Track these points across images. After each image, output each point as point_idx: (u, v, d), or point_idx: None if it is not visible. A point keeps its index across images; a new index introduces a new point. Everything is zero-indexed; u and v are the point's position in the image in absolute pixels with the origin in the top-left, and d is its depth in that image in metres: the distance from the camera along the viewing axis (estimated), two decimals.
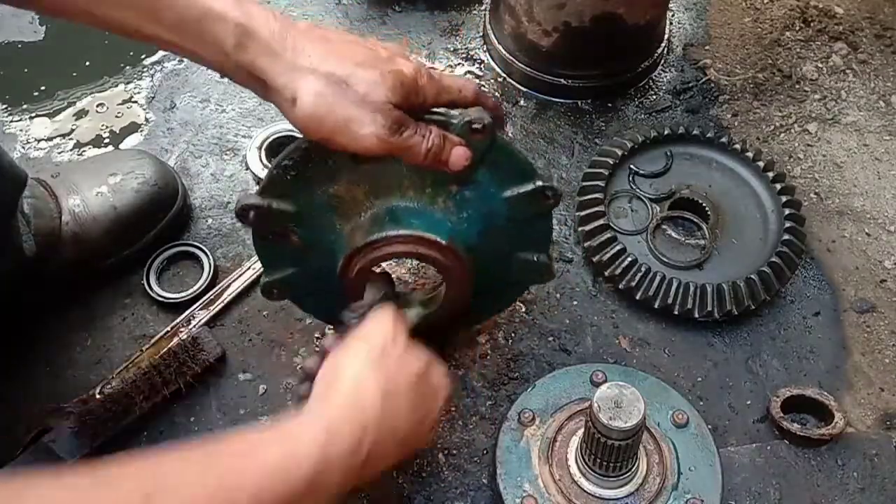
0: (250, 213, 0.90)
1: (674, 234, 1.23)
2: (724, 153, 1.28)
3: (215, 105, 1.44)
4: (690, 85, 1.45)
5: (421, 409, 0.81)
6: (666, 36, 1.49)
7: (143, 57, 1.52)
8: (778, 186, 1.22)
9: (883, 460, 1.06)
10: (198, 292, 1.20)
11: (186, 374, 1.09)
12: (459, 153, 0.86)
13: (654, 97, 1.44)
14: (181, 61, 1.51)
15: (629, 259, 1.15)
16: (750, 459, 1.06)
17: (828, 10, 1.53)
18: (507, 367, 1.14)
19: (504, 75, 1.47)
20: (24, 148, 1.39)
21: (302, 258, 0.98)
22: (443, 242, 0.90)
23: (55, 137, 1.41)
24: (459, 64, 1.49)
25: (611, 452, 0.91)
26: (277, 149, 1.35)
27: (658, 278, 1.14)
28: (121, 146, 1.39)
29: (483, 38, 1.52)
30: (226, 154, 1.38)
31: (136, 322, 1.19)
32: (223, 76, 0.84)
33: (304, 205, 0.91)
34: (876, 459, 1.06)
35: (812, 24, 1.52)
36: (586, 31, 1.32)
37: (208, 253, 1.23)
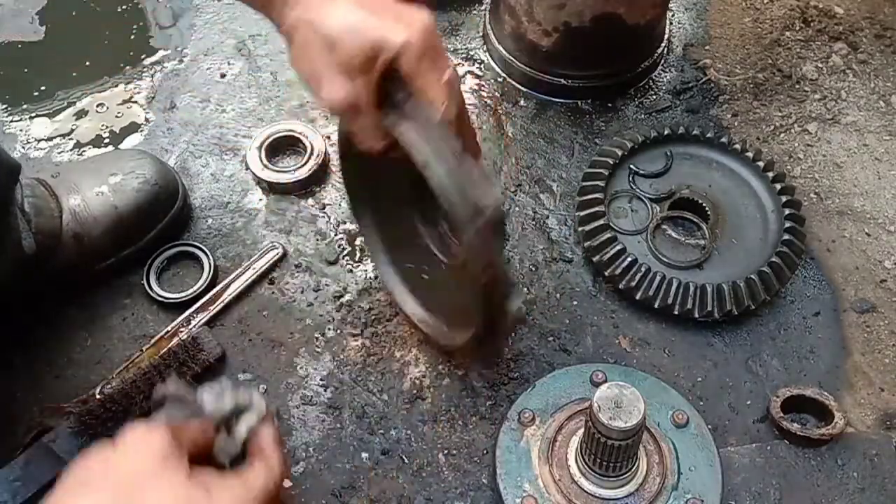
0: None
1: (674, 234, 1.23)
2: (724, 153, 1.28)
3: (215, 105, 1.44)
4: (690, 85, 1.45)
5: None
6: (666, 36, 1.49)
7: (143, 57, 1.52)
8: (778, 186, 1.22)
9: (883, 460, 1.06)
10: (198, 292, 1.20)
11: (186, 374, 1.09)
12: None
13: (654, 97, 1.44)
14: (181, 61, 1.51)
15: (629, 259, 1.15)
16: (750, 459, 1.06)
17: (828, 10, 1.53)
18: (507, 367, 1.14)
19: (504, 75, 1.47)
20: (24, 148, 1.40)
21: None
22: None
23: (55, 137, 1.41)
24: (459, 64, 1.49)
25: (611, 452, 0.91)
26: (277, 148, 1.36)
27: (658, 278, 1.14)
28: (121, 146, 1.39)
29: (483, 38, 1.52)
30: (226, 154, 1.38)
31: (136, 322, 1.19)
32: None
33: None
34: (876, 459, 1.06)
35: (812, 24, 1.52)
36: (586, 31, 1.32)
37: (208, 253, 1.23)
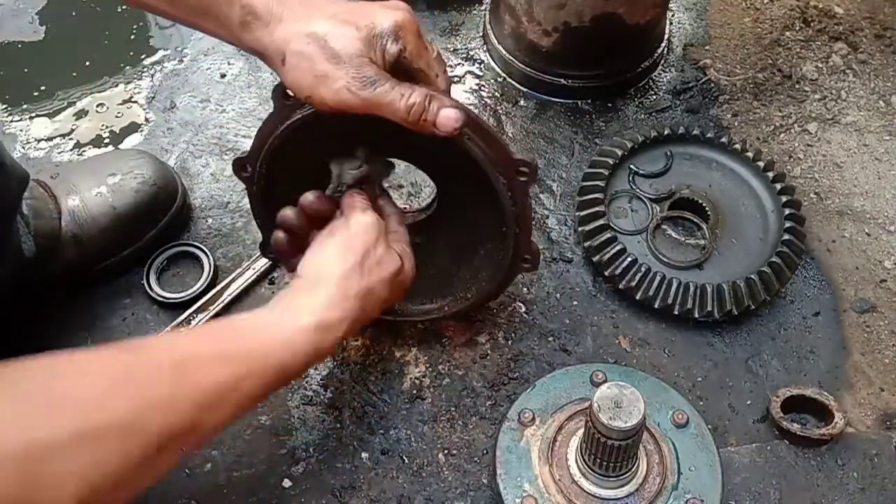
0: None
1: (674, 234, 1.23)
2: (724, 153, 1.28)
3: (215, 105, 1.44)
4: (690, 85, 1.45)
5: (390, 297, 0.94)
6: (666, 36, 1.49)
7: (143, 57, 1.52)
8: (778, 186, 1.22)
9: (883, 460, 1.05)
10: (198, 292, 1.20)
11: None
12: (449, 114, 0.84)
13: (654, 97, 1.44)
14: (181, 61, 1.51)
15: (629, 259, 1.15)
16: (750, 459, 1.06)
17: (828, 10, 1.53)
18: (507, 367, 1.14)
19: (504, 75, 1.47)
20: (24, 148, 1.40)
21: None
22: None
23: (55, 137, 1.41)
24: (459, 64, 1.50)
25: (611, 452, 0.91)
26: None
27: (658, 278, 1.14)
28: (121, 146, 1.39)
29: (483, 38, 1.52)
30: (226, 154, 1.38)
31: (136, 322, 1.19)
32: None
33: None
34: (876, 459, 1.06)
35: (812, 24, 1.52)
36: (586, 31, 1.32)
37: (208, 253, 1.23)
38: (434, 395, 1.12)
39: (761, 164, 1.24)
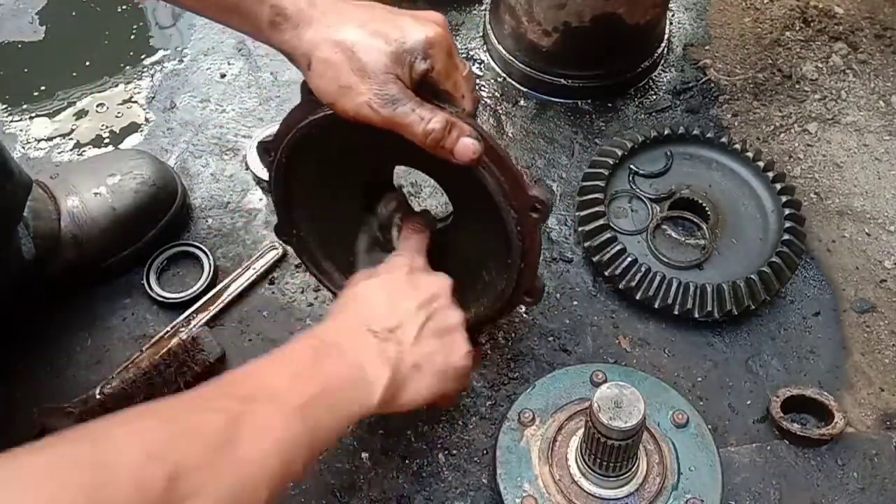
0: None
1: (674, 234, 1.23)
2: (724, 153, 1.28)
3: (215, 105, 1.44)
4: (690, 85, 1.45)
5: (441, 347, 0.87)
6: (666, 36, 1.49)
7: (143, 57, 1.52)
8: (778, 186, 1.22)
9: (883, 460, 1.05)
10: (198, 292, 1.20)
11: (186, 374, 1.09)
12: (467, 144, 0.82)
13: (654, 97, 1.44)
14: (181, 61, 1.51)
15: (629, 259, 1.15)
16: (750, 459, 1.06)
17: (828, 10, 1.53)
18: (507, 367, 1.14)
19: (504, 75, 1.47)
20: (24, 148, 1.40)
21: None
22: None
23: (55, 137, 1.41)
24: None
25: (611, 452, 0.91)
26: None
27: (658, 278, 1.14)
28: (121, 146, 1.39)
29: (483, 38, 1.52)
30: (226, 154, 1.38)
31: (136, 322, 1.19)
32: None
33: None
34: (876, 459, 1.05)
35: (812, 24, 1.52)
36: (586, 31, 1.32)
37: (208, 253, 1.23)
38: None
39: (761, 164, 1.24)
